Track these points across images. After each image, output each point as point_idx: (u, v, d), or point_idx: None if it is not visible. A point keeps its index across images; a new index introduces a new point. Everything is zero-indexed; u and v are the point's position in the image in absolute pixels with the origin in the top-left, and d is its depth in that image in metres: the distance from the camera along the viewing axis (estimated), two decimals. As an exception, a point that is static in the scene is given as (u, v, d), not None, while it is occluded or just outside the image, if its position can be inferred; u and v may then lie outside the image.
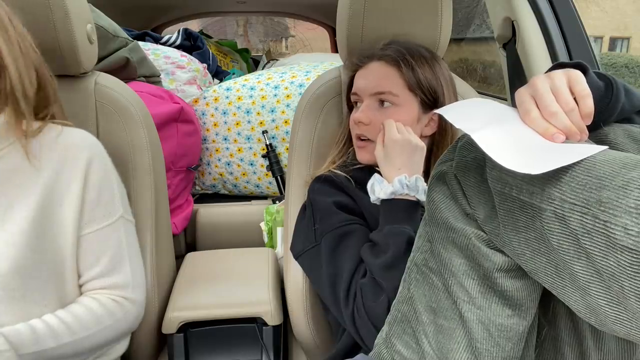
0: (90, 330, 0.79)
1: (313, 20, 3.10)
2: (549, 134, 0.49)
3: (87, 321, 0.78)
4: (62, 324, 0.76)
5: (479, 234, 0.54)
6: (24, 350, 0.71)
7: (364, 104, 0.89)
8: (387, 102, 0.87)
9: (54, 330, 0.75)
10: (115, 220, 0.84)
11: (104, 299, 0.82)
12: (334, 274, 0.81)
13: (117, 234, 0.84)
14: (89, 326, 0.78)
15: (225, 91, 1.70)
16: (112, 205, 0.84)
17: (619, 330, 0.45)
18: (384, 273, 0.74)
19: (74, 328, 0.77)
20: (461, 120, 0.51)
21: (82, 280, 0.83)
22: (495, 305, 0.54)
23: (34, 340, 0.72)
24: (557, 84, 0.50)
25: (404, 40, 0.93)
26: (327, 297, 0.83)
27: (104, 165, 0.84)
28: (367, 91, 0.89)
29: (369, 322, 0.74)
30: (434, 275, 0.58)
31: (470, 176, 0.54)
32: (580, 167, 0.44)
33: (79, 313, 0.78)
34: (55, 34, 0.87)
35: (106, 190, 0.83)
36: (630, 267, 0.40)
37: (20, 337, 0.71)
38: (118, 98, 0.98)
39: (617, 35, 14.61)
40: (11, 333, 0.71)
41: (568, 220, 0.44)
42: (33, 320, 0.74)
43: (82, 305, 0.80)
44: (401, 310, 0.62)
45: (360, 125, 0.89)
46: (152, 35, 2.05)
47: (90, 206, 0.81)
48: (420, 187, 0.81)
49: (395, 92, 0.87)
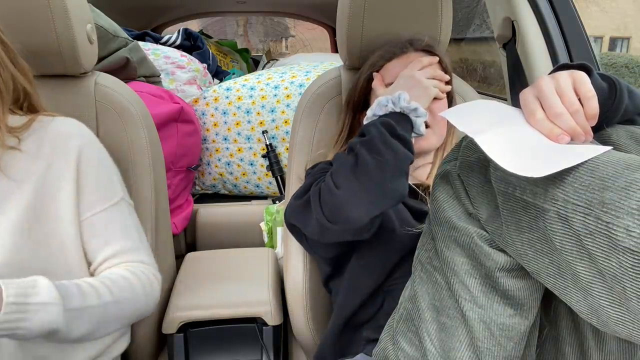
0: (126, 294, 0.77)
1: (313, 20, 3.10)
2: (554, 135, 0.49)
3: (123, 286, 0.77)
4: (102, 284, 0.74)
5: (481, 233, 0.54)
6: (70, 304, 0.68)
7: None
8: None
9: (95, 287, 0.73)
10: (117, 202, 0.83)
11: (133, 269, 0.81)
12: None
13: (122, 215, 0.84)
14: (125, 290, 0.77)
15: (225, 91, 1.70)
16: (111, 188, 0.84)
17: (620, 331, 0.45)
18: (346, 172, 0.72)
19: (113, 289, 0.75)
20: (465, 123, 0.51)
21: (97, 263, 0.81)
22: (497, 304, 0.54)
23: (79, 295, 0.70)
24: (562, 85, 0.50)
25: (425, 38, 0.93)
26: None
27: (97, 150, 0.84)
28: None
29: (317, 197, 0.73)
30: (437, 274, 0.58)
31: (474, 176, 0.54)
32: (584, 168, 0.44)
33: (115, 278, 0.77)
34: (55, 34, 0.87)
35: (103, 174, 0.83)
36: (632, 269, 0.40)
37: (68, 291, 0.69)
38: (118, 98, 0.98)
39: (617, 35, 14.62)
40: (61, 286, 0.68)
41: (571, 221, 0.44)
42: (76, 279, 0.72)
43: (115, 273, 0.79)
44: (406, 308, 0.63)
45: None
46: (152, 35, 2.05)
47: (89, 189, 0.80)
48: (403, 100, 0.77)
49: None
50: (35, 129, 0.79)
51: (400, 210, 0.83)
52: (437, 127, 0.89)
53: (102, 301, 0.73)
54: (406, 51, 0.91)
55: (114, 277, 0.77)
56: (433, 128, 0.88)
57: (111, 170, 0.85)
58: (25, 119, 0.78)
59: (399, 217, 0.82)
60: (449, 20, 0.97)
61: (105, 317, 0.75)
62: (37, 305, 0.64)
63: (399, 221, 0.81)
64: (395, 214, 0.82)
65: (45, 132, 0.79)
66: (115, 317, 0.77)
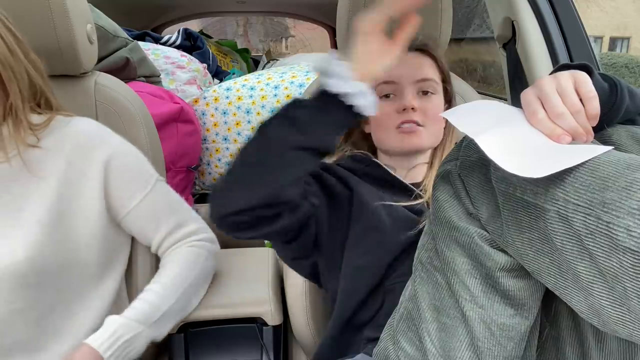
0: (188, 280, 0.87)
1: (313, 20, 3.10)
2: (556, 135, 0.49)
3: (182, 274, 0.86)
4: (163, 286, 0.84)
5: (481, 233, 0.54)
6: (149, 322, 0.81)
7: (407, 91, 0.86)
8: (430, 90, 0.88)
9: (160, 294, 0.82)
10: (154, 184, 0.88)
11: (184, 249, 0.89)
12: None
13: (162, 195, 0.89)
14: (185, 277, 0.86)
15: (225, 91, 1.70)
16: (144, 174, 0.88)
17: (621, 331, 0.45)
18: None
19: (176, 284, 0.85)
20: (465, 124, 0.51)
21: (156, 245, 0.89)
22: (497, 304, 0.54)
23: (151, 310, 0.80)
24: (564, 85, 0.50)
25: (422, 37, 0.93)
26: None
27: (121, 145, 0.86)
28: (410, 78, 0.87)
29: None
30: (438, 274, 0.58)
31: (474, 176, 0.54)
32: (584, 168, 0.44)
33: (171, 270, 0.86)
34: (55, 34, 0.87)
35: (133, 165, 0.87)
36: (632, 269, 0.39)
37: (142, 313, 0.80)
38: (118, 98, 0.98)
39: (617, 35, 14.63)
40: (133, 313, 0.79)
41: (571, 220, 0.44)
42: (140, 295, 0.82)
43: (169, 263, 0.87)
44: (407, 308, 0.62)
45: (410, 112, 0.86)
46: (152, 35, 2.05)
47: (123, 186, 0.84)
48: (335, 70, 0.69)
49: (436, 80, 0.89)
50: (54, 127, 0.80)
51: (393, 210, 0.82)
52: (431, 126, 0.87)
53: (171, 301, 0.84)
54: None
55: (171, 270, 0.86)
56: (426, 126, 0.87)
57: (137, 157, 0.89)
58: (44, 118, 0.80)
59: (392, 217, 0.81)
60: (448, 20, 0.97)
61: (185, 301, 0.87)
62: (128, 341, 0.77)
63: (391, 221, 0.80)
64: (387, 214, 0.81)
65: (64, 131, 0.81)
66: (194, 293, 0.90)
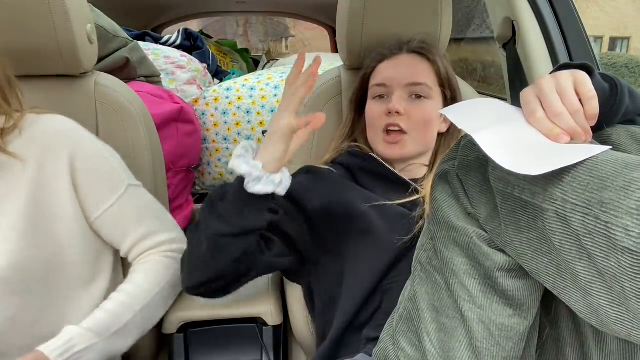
0: (154, 290, 0.83)
1: (313, 20, 3.10)
2: (554, 135, 0.49)
3: (149, 284, 0.82)
4: (128, 295, 0.80)
5: (480, 233, 0.54)
6: (108, 333, 0.75)
7: (396, 94, 0.87)
8: (422, 94, 0.87)
9: (123, 304, 0.79)
10: (124, 191, 0.85)
11: (155, 258, 0.85)
12: None
13: (132, 202, 0.86)
14: (152, 288, 0.82)
15: (225, 91, 1.70)
16: (115, 179, 0.84)
17: (620, 331, 0.45)
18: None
19: (140, 295, 0.81)
20: (463, 121, 0.51)
21: (125, 252, 0.86)
22: (496, 304, 0.54)
23: (112, 320, 0.76)
24: (563, 85, 0.50)
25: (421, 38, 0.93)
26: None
27: (90, 145, 0.83)
28: (400, 82, 0.87)
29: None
30: (437, 274, 0.58)
31: (473, 176, 0.54)
32: (583, 168, 0.44)
33: (138, 280, 0.82)
34: (55, 34, 0.86)
35: (102, 168, 0.83)
36: (631, 269, 0.40)
37: (101, 323, 0.76)
38: (118, 98, 0.98)
39: (617, 35, 14.61)
40: (92, 323, 0.75)
41: (570, 220, 0.44)
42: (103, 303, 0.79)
43: (138, 272, 0.83)
44: (406, 308, 0.62)
45: (395, 115, 0.86)
46: (152, 35, 2.05)
47: (92, 188, 0.81)
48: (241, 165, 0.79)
49: (429, 84, 0.88)
50: (22, 129, 0.78)
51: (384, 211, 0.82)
52: (416, 132, 0.86)
53: (134, 312, 0.79)
54: (397, 53, 0.91)
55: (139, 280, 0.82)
56: (410, 133, 0.86)
57: (110, 160, 0.85)
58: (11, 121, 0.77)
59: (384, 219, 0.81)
60: (449, 20, 0.97)
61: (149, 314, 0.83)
62: (80, 352, 0.71)
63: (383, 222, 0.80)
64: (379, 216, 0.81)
65: (32, 131, 0.78)
66: (158, 307, 0.85)
